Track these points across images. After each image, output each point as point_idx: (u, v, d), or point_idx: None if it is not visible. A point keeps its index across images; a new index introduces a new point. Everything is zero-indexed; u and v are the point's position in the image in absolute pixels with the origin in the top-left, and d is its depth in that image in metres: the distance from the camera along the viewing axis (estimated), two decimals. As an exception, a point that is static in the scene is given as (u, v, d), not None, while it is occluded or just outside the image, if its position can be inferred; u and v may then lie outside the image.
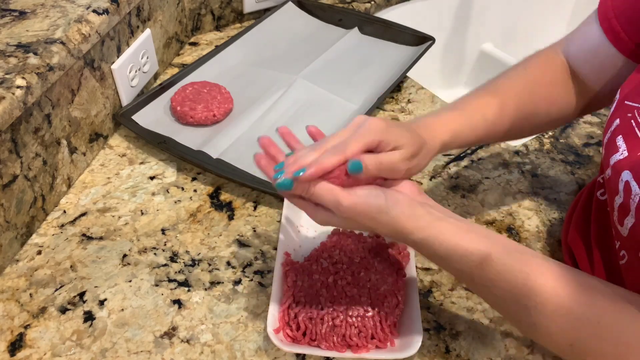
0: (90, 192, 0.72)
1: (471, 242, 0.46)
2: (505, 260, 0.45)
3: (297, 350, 0.53)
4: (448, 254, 0.46)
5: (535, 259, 0.45)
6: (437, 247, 0.46)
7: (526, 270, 0.44)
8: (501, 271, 0.44)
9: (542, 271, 0.44)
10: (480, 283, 0.46)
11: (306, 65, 0.92)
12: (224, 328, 0.58)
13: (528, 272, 0.44)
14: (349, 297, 0.56)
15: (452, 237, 0.46)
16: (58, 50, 0.64)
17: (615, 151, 0.46)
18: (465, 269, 0.46)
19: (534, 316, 0.43)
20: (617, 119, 0.48)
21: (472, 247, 0.46)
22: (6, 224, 0.61)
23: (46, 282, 0.62)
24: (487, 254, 0.45)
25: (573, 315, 0.42)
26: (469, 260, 0.46)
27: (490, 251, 0.45)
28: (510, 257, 0.45)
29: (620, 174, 0.45)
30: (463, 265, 0.46)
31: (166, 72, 0.94)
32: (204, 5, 1.01)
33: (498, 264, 0.45)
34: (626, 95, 0.49)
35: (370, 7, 1.14)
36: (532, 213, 0.71)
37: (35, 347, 0.56)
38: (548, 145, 0.81)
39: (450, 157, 0.78)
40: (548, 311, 0.42)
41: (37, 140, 0.64)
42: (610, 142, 0.48)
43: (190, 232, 0.67)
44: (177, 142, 0.77)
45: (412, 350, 0.52)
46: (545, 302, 0.42)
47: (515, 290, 0.44)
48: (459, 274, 0.48)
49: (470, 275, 0.46)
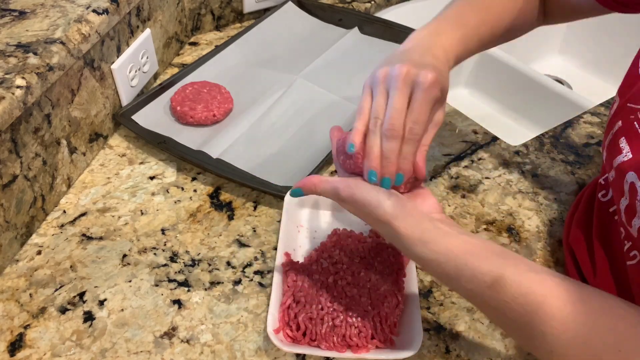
0: (90, 192, 0.72)
1: (483, 261, 0.43)
2: (520, 282, 0.42)
3: (297, 350, 0.53)
4: (457, 274, 0.44)
5: (551, 279, 0.42)
6: (444, 265, 0.44)
7: (542, 292, 0.41)
8: (515, 294, 0.42)
9: (559, 294, 0.41)
10: (492, 305, 0.43)
11: (306, 65, 0.92)
12: (224, 328, 0.58)
13: (544, 295, 0.41)
14: (349, 297, 0.56)
15: (462, 255, 0.44)
16: (58, 50, 0.64)
17: (619, 153, 0.46)
18: (476, 289, 0.43)
19: (550, 343, 0.40)
20: (620, 121, 0.48)
21: (484, 267, 0.43)
22: (6, 224, 0.61)
23: (46, 282, 0.62)
24: (500, 275, 0.42)
25: (592, 343, 0.39)
26: (480, 280, 0.43)
27: (504, 272, 0.42)
28: (525, 278, 0.42)
29: (625, 176, 0.45)
30: (474, 286, 0.43)
31: (166, 72, 0.94)
32: (204, 5, 1.01)
33: (512, 286, 0.42)
34: (628, 98, 0.49)
35: (370, 7, 1.14)
36: (532, 213, 0.71)
37: (35, 347, 0.56)
38: (548, 145, 0.81)
39: (450, 157, 0.78)
40: (565, 338, 0.40)
41: (37, 140, 0.64)
42: (612, 144, 0.48)
43: (190, 232, 0.67)
44: (177, 142, 0.77)
45: (412, 350, 0.52)
46: (563, 328, 0.40)
47: (531, 314, 0.41)
48: (469, 295, 0.45)
49: (482, 297, 0.43)
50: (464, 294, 0.46)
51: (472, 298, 0.45)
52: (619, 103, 0.50)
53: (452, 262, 0.44)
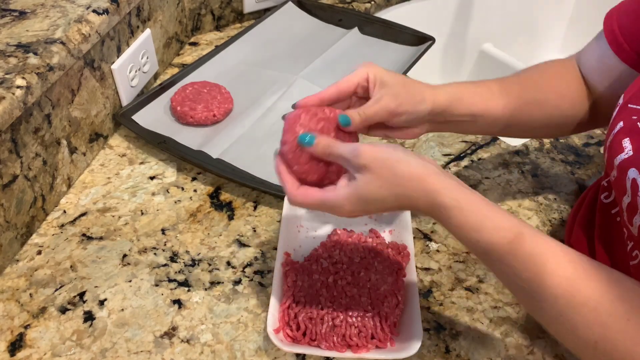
0: (90, 192, 0.72)
1: (503, 217, 0.44)
2: (538, 242, 0.43)
3: (297, 350, 0.53)
4: (481, 224, 0.44)
5: (565, 248, 0.43)
6: (468, 214, 0.44)
7: (555, 254, 0.42)
8: (533, 253, 0.42)
9: (574, 260, 0.42)
10: (508, 263, 0.43)
11: (306, 65, 0.92)
12: (224, 328, 0.58)
13: (557, 256, 0.42)
14: (349, 297, 0.56)
15: (484, 207, 0.45)
16: (58, 50, 0.64)
17: (621, 152, 0.46)
18: (497, 242, 0.43)
19: (560, 305, 0.41)
20: (621, 121, 0.48)
21: (506, 222, 0.44)
22: (6, 224, 0.61)
23: (46, 282, 0.62)
24: (520, 231, 0.43)
25: (602, 308, 0.40)
26: (503, 234, 0.43)
27: (523, 230, 0.43)
28: (541, 239, 0.43)
29: (627, 173, 0.45)
30: (495, 238, 0.43)
31: (166, 72, 0.94)
32: (204, 5, 1.01)
33: (531, 244, 0.43)
34: (630, 99, 0.49)
35: (370, 7, 1.14)
36: (532, 213, 0.71)
37: (35, 347, 0.56)
38: (548, 145, 0.81)
39: (450, 157, 0.78)
40: (576, 302, 0.40)
41: (37, 140, 0.64)
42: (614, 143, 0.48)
43: (190, 232, 0.67)
44: (177, 142, 0.77)
45: (412, 350, 0.52)
46: (574, 291, 0.40)
47: (543, 275, 0.42)
48: (487, 251, 0.44)
49: (500, 253, 0.43)
50: (481, 250, 0.45)
51: (490, 255, 0.44)
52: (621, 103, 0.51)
53: (475, 213, 0.44)
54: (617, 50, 0.57)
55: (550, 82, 0.62)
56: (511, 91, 0.60)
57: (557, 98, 0.61)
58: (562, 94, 0.61)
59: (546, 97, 0.61)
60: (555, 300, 0.41)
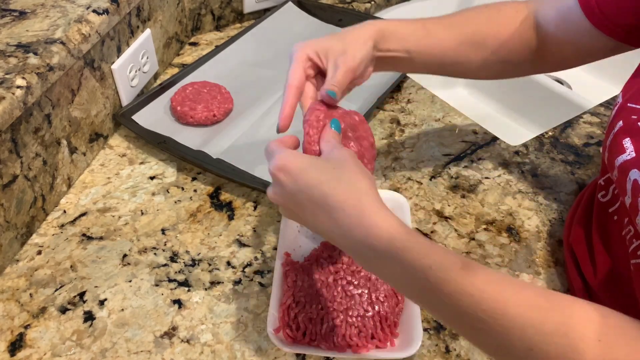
0: (90, 192, 0.72)
1: (445, 249, 0.41)
2: (486, 270, 0.40)
3: (297, 350, 0.53)
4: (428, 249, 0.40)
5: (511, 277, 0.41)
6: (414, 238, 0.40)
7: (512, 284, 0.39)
8: (488, 280, 0.39)
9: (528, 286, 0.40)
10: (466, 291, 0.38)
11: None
12: (224, 328, 0.58)
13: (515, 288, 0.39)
14: (349, 297, 0.56)
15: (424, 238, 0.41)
16: (58, 50, 0.64)
17: (622, 152, 0.46)
18: (450, 268, 0.39)
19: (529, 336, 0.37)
20: (620, 121, 0.48)
21: (449, 252, 0.40)
22: (6, 224, 0.61)
23: (46, 282, 0.62)
24: (466, 261, 0.39)
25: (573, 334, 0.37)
26: (453, 259, 0.39)
27: (467, 260, 0.40)
28: (488, 270, 0.40)
29: (628, 174, 0.45)
30: (447, 264, 0.39)
31: (166, 72, 0.94)
32: (204, 5, 1.01)
33: (482, 272, 0.39)
34: (629, 98, 0.49)
35: (370, 7, 1.14)
36: (532, 213, 0.71)
37: (35, 347, 0.56)
38: (548, 145, 0.81)
39: (450, 157, 0.78)
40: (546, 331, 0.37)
41: (37, 140, 0.64)
42: (614, 143, 0.48)
43: (190, 232, 0.67)
44: (177, 142, 0.77)
45: (412, 350, 0.52)
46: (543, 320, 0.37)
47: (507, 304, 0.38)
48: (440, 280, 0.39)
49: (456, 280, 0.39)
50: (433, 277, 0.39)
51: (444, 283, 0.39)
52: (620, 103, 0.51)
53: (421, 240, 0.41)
54: (588, 13, 0.56)
55: (492, 25, 0.61)
56: (449, 31, 0.61)
57: (495, 43, 0.61)
58: (502, 39, 0.61)
59: (484, 41, 0.61)
60: (523, 331, 0.37)
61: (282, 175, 0.45)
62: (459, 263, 0.39)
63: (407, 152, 0.79)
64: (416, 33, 0.60)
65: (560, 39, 0.59)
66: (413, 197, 0.72)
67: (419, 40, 0.60)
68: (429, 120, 0.84)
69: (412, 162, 0.78)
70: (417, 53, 0.60)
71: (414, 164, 0.77)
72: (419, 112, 0.86)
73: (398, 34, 0.59)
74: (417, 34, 0.60)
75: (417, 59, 0.60)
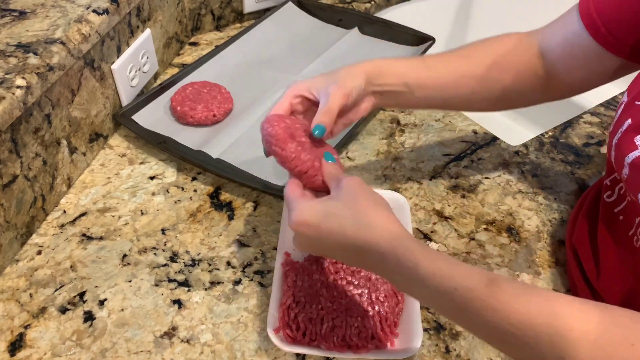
0: (90, 192, 0.72)
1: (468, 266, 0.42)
2: (513, 283, 0.41)
3: (297, 350, 0.53)
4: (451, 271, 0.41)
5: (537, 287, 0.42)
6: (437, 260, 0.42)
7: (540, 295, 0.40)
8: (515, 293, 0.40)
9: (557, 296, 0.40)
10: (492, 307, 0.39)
11: (306, 65, 0.92)
12: (224, 328, 0.58)
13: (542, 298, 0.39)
14: (349, 297, 0.56)
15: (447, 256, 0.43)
16: (58, 50, 0.64)
17: (633, 149, 0.46)
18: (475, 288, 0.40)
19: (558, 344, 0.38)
20: (629, 119, 0.48)
21: (474, 269, 0.42)
22: (6, 224, 0.61)
23: (46, 282, 0.62)
24: (491, 276, 0.41)
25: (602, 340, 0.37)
26: (478, 278, 0.40)
27: (493, 275, 0.41)
28: (516, 282, 0.42)
29: None
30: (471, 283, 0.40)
31: (166, 72, 0.94)
32: (204, 5, 1.01)
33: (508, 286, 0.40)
34: (635, 96, 0.49)
35: (370, 7, 1.14)
36: (532, 213, 0.71)
37: (35, 347, 0.56)
38: (548, 145, 0.81)
39: (450, 157, 0.78)
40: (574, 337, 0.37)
41: (37, 140, 0.64)
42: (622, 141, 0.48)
43: (190, 232, 0.67)
44: (177, 142, 0.77)
45: (412, 350, 0.52)
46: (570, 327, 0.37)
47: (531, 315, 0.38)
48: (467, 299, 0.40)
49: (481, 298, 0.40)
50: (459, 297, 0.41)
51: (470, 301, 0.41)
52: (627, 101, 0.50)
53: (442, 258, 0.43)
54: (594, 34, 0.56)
55: (494, 56, 0.61)
56: (450, 65, 0.61)
57: (499, 73, 0.61)
58: (506, 68, 0.61)
59: (487, 72, 0.61)
60: (551, 340, 0.37)
61: (303, 229, 0.47)
62: (483, 280, 0.40)
63: (407, 152, 0.79)
64: (415, 68, 0.60)
65: (568, 65, 0.59)
66: (413, 197, 0.72)
67: (419, 74, 0.60)
68: (429, 120, 0.84)
69: (412, 162, 0.78)
70: (417, 87, 0.60)
71: (414, 164, 0.77)
72: (419, 112, 0.86)
73: (396, 69, 0.59)
74: (416, 69, 0.60)
75: (417, 92, 0.60)
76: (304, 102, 0.58)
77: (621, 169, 0.48)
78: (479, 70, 0.61)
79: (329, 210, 0.47)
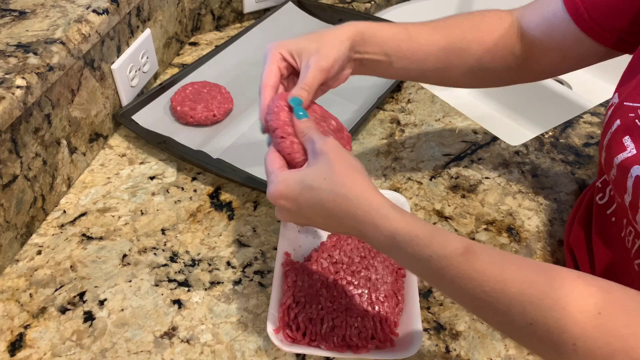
0: (90, 192, 0.72)
1: (448, 232, 0.43)
2: (488, 251, 0.41)
3: (298, 350, 0.53)
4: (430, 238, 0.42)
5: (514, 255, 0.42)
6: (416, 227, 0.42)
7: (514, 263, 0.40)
8: (490, 262, 0.40)
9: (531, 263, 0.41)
10: (466, 276, 0.40)
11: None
12: (224, 328, 0.58)
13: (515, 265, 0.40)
14: (349, 297, 0.56)
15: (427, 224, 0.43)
16: (58, 50, 0.64)
17: (622, 150, 0.46)
18: (450, 255, 0.41)
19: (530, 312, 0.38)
20: (618, 119, 0.48)
21: (452, 235, 0.42)
22: (6, 224, 0.61)
23: (46, 282, 0.62)
24: (469, 244, 0.41)
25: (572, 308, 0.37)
26: (454, 245, 0.41)
27: (470, 243, 0.41)
28: (491, 249, 0.42)
29: (629, 171, 0.45)
30: (448, 251, 0.41)
31: (166, 72, 0.94)
32: (204, 5, 1.01)
33: (482, 254, 0.41)
34: (625, 97, 0.49)
35: (370, 7, 1.14)
36: (532, 213, 0.71)
37: (35, 347, 0.56)
38: (548, 145, 0.81)
39: (450, 157, 0.78)
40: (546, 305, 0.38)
41: (37, 140, 0.64)
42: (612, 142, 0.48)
43: (190, 232, 0.67)
44: (177, 142, 0.77)
45: (413, 350, 0.52)
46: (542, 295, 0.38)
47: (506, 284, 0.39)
48: (441, 267, 0.41)
49: (456, 267, 0.40)
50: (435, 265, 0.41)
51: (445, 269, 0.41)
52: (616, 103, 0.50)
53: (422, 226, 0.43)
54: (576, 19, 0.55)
55: (476, 32, 0.61)
56: (432, 36, 0.60)
57: (479, 49, 0.60)
58: (486, 45, 0.60)
59: (467, 47, 0.60)
60: (523, 307, 0.38)
61: (282, 201, 0.47)
62: (460, 249, 0.41)
63: (407, 152, 0.79)
64: (397, 36, 0.59)
65: (546, 46, 0.58)
66: (413, 197, 0.72)
67: (400, 43, 0.58)
68: (429, 120, 0.85)
69: (412, 162, 0.78)
70: (397, 57, 0.58)
71: (414, 164, 0.77)
72: (419, 112, 0.86)
73: (378, 37, 0.57)
74: (398, 37, 0.59)
75: (396, 63, 0.59)
76: (288, 67, 0.56)
77: (610, 170, 0.48)
78: (460, 45, 0.60)
79: (304, 181, 0.46)
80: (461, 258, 0.41)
